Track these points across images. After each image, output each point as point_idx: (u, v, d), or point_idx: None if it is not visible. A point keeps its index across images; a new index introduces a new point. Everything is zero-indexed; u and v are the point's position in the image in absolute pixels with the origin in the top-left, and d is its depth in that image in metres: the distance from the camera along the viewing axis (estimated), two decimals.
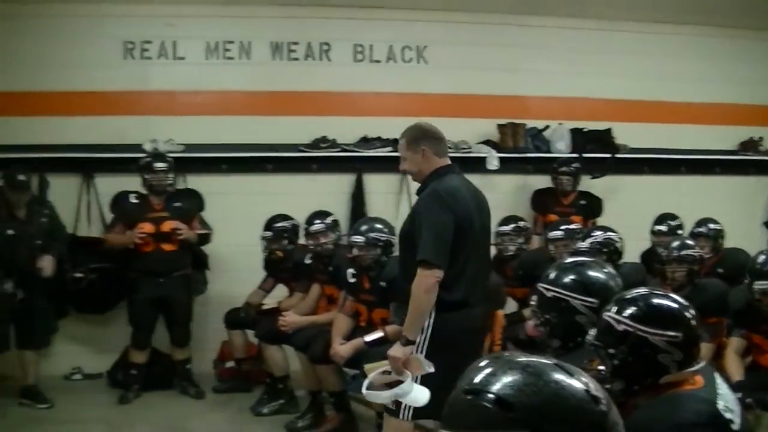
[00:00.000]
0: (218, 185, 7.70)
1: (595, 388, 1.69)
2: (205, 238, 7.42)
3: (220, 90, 8.12)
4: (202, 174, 7.80)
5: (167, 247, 7.18)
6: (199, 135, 7.90)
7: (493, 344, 5.81)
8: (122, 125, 7.81)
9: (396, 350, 4.47)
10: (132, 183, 7.35)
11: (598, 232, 6.37)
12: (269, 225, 7.12)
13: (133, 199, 7.23)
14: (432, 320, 4.56)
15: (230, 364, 7.60)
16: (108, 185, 7.69)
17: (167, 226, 7.14)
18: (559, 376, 1.68)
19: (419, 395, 4.28)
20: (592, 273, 3.63)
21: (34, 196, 7.01)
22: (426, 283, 4.45)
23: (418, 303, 4.50)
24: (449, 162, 4.84)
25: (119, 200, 7.28)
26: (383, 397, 4.42)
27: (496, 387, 1.65)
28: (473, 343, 4.72)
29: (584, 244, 6.23)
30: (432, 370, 4.34)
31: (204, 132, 7.93)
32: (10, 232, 6.76)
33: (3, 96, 7.65)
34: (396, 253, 5.54)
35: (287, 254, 7.08)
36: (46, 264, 6.80)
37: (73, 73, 7.74)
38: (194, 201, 7.42)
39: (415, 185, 5.00)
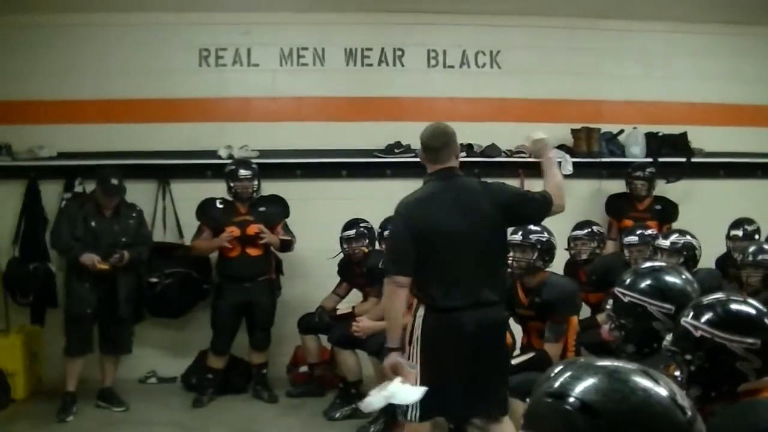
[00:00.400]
0: (293, 191, 7.72)
1: (680, 396, 1.66)
2: (287, 245, 7.45)
3: (294, 96, 8.19)
4: (277, 180, 7.81)
5: (252, 251, 7.27)
6: (273, 141, 7.99)
7: (567, 350, 5.76)
8: (197, 132, 7.93)
9: (385, 361, 4.71)
10: (206, 188, 7.50)
11: (678, 235, 6.31)
12: (350, 225, 7.20)
13: (218, 205, 7.33)
14: (418, 321, 4.69)
15: (303, 368, 7.63)
16: (183, 191, 7.84)
17: (252, 229, 7.22)
18: (646, 383, 1.64)
19: (408, 394, 4.45)
20: (669, 279, 3.57)
21: (123, 199, 7.09)
22: (386, 290, 4.72)
23: (384, 309, 4.93)
24: (443, 167, 4.79)
25: (205, 206, 7.37)
26: (373, 402, 4.54)
27: (579, 392, 1.63)
28: (463, 345, 4.63)
29: (665, 243, 6.20)
30: (414, 369, 4.56)
31: (278, 138, 8.01)
32: (93, 224, 6.89)
33: (84, 104, 7.80)
34: None
35: (369, 253, 7.12)
36: (122, 255, 6.87)
37: (150, 80, 7.89)
38: (279, 207, 7.50)
39: None
